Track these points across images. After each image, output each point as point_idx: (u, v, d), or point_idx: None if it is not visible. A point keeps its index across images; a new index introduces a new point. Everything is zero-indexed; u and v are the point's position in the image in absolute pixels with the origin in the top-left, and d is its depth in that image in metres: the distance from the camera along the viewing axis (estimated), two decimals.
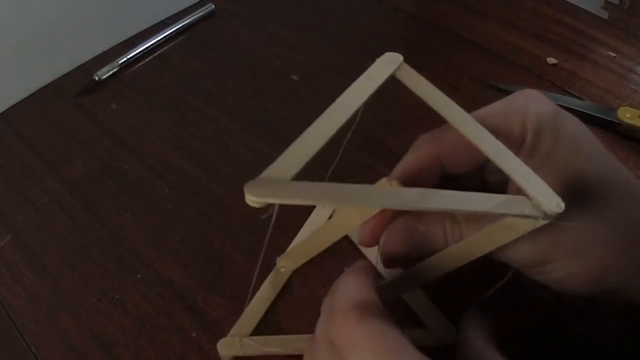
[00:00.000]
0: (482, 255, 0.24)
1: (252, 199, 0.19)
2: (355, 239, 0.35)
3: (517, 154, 0.24)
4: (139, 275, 0.35)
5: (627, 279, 0.25)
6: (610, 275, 0.25)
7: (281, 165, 0.20)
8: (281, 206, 0.19)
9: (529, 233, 0.22)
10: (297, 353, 0.30)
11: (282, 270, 0.34)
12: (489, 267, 0.26)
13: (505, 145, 0.23)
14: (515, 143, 0.24)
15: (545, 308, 0.30)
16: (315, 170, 0.21)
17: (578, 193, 0.23)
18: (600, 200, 0.24)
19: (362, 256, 0.35)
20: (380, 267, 0.31)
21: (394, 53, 0.26)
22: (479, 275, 0.26)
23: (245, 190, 0.18)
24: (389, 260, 0.27)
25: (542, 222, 0.21)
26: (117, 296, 0.34)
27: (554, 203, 0.21)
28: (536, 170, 0.23)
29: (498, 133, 0.24)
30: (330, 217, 0.37)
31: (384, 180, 0.24)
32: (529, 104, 0.25)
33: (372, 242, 0.27)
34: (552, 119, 0.24)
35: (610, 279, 0.25)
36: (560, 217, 0.21)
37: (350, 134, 0.26)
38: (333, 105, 0.23)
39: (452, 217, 0.25)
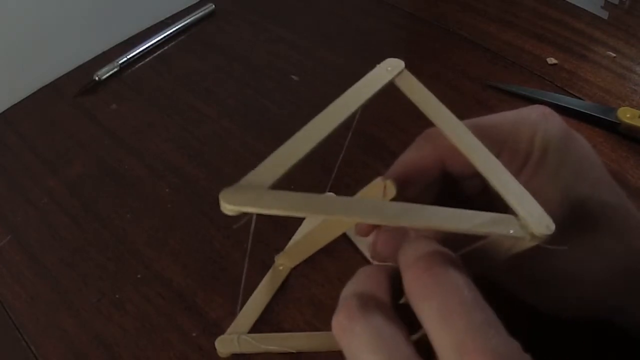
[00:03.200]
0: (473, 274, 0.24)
1: (228, 207, 0.18)
2: (352, 236, 0.35)
3: (521, 169, 0.23)
4: (139, 275, 0.35)
5: (620, 308, 0.25)
6: (603, 303, 0.25)
7: (262, 171, 0.19)
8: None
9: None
10: (294, 351, 0.30)
11: (280, 268, 0.34)
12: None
13: (510, 158, 0.23)
14: (520, 158, 0.24)
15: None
16: (316, 171, 0.21)
17: (578, 219, 0.23)
18: (600, 229, 0.24)
19: (357, 251, 0.35)
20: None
21: (396, 59, 0.25)
22: None
23: (221, 197, 0.18)
24: (378, 259, 0.27)
25: (530, 244, 0.20)
26: (117, 296, 0.34)
27: (543, 224, 0.20)
28: (538, 190, 0.23)
29: (504, 144, 0.24)
30: None
31: (379, 179, 0.24)
32: (540, 120, 0.24)
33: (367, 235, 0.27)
34: (561, 140, 0.24)
35: (603, 307, 0.25)
36: (549, 239, 0.20)
37: (350, 136, 0.25)
38: (327, 109, 0.22)
39: None
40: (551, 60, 0.50)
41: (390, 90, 0.24)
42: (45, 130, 0.45)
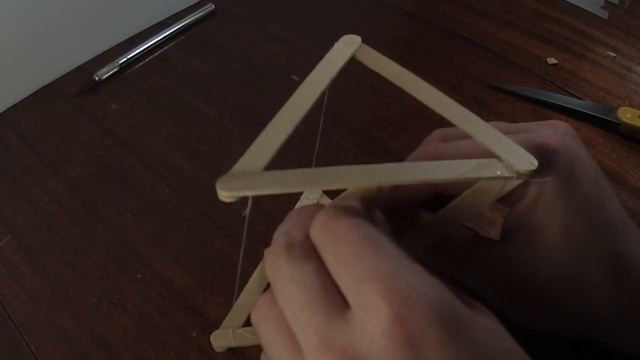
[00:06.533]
0: (464, 222, 0.24)
1: (225, 194, 0.19)
2: None
3: (515, 203, 0.24)
4: (139, 275, 0.35)
5: (607, 333, 0.25)
6: (591, 328, 0.25)
7: (251, 157, 0.20)
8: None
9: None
10: None
11: None
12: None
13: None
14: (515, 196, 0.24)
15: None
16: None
17: (558, 240, 0.23)
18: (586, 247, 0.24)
19: None
20: None
21: (353, 35, 0.26)
22: None
23: (217, 186, 0.19)
24: None
25: (516, 182, 0.21)
26: (117, 296, 0.34)
27: (527, 162, 0.21)
28: (534, 222, 0.23)
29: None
30: None
31: None
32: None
33: None
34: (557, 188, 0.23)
35: (593, 330, 0.25)
36: (534, 175, 0.21)
37: (323, 118, 0.26)
38: (296, 92, 0.23)
39: None
40: (551, 60, 0.50)
41: (389, 90, 0.25)
42: (45, 130, 0.45)
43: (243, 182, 0.19)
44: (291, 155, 0.19)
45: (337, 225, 0.18)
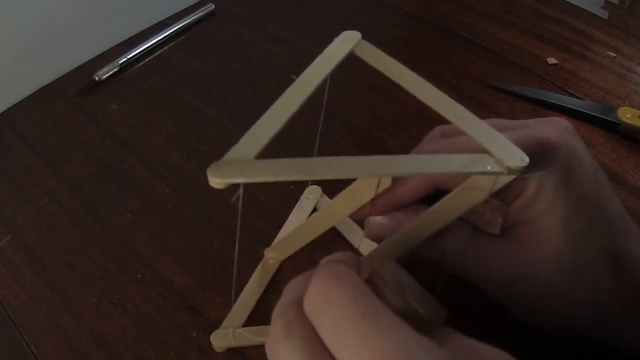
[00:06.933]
0: (456, 217, 0.25)
1: (216, 181, 0.19)
2: (342, 229, 0.36)
3: (516, 197, 0.24)
4: (139, 275, 0.35)
5: (607, 332, 0.25)
6: (590, 326, 0.25)
7: (244, 145, 0.20)
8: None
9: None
10: None
11: (270, 261, 0.35)
12: None
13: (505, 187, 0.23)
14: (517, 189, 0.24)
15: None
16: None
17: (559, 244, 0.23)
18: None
19: (348, 244, 0.35)
20: (362, 248, 0.34)
21: (353, 31, 0.26)
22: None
23: (208, 173, 0.19)
24: (373, 238, 0.27)
25: (508, 178, 0.21)
26: (117, 296, 0.34)
27: (517, 157, 0.21)
28: (527, 207, 0.23)
29: None
30: (314, 208, 0.38)
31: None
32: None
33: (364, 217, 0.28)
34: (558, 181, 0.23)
35: (590, 331, 0.25)
36: (526, 171, 0.21)
37: (323, 114, 0.26)
38: (292, 86, 0.23)
39: None
40: (551, 60, 0.50)
41: (389, 90, 0.25)
42: (45, 130, 0.45)
43: (234, 169, 0.19)
44: (289, 154, 0.19)
45: (331, 297, 0.17)
